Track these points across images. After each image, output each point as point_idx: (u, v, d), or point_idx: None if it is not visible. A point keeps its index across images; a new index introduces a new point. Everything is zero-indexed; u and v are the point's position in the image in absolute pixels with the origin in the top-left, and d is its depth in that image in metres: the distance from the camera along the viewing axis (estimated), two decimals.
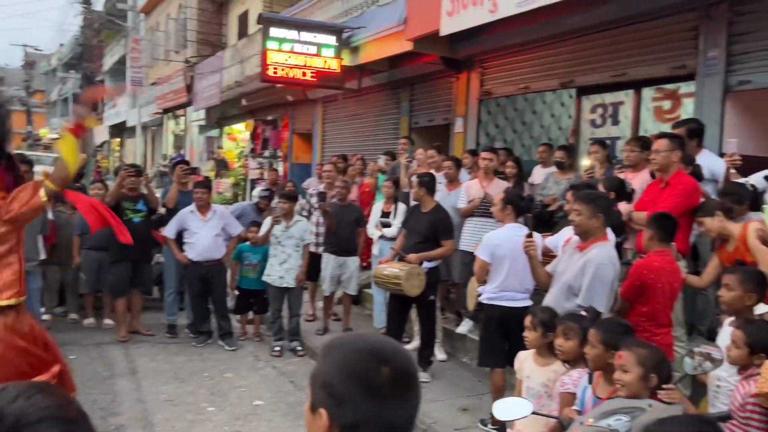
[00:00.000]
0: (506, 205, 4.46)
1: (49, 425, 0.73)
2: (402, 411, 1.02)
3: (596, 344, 2.65)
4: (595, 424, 2.14)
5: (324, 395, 1.02)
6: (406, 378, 1.03)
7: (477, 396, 5.08)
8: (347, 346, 1.06)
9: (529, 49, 7.38)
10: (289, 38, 9.10)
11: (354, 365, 1.01)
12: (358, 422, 0.99)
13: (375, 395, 0.99)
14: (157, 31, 22.16)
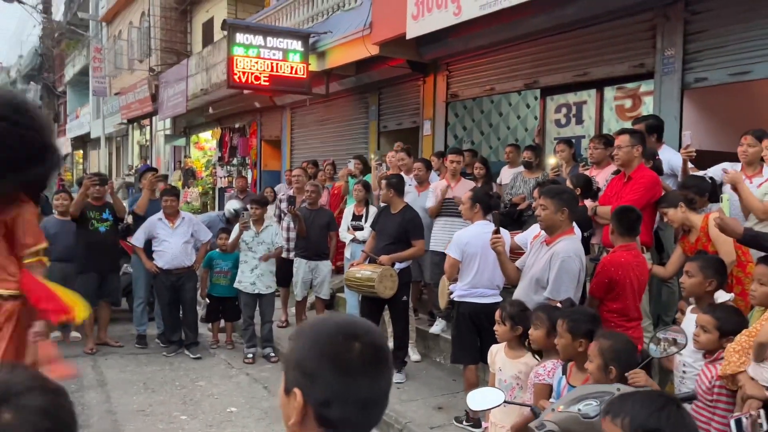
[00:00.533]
0: (474, 203, 4.52)
1: (35, 394, 0.76)
2: (374, 386, 1.03)
3: (563, 333, 2.70)
4: (566, 409, 2.17)
5: (297, 375, 1.03)
6: (376, 354, 1.04)
7: (451, 394, 5.11)
8: (317, 326, 1.08)
9: (494, 50, 7.49)
10: (255, 44, 9.06)
11: (324, 343, 1.03)
12: (330, 398, 1.00)
13: (345, 371, 1.00)
14: (119, 39, 21.82)
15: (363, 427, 1.05)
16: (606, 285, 3.50)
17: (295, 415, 1.02)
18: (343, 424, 1.02)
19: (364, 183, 6.91)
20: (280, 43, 9.20)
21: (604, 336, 2.52)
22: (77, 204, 6.22)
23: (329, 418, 1.01)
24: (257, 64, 9.06)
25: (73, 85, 28.68)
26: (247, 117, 14.41)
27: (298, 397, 1.02)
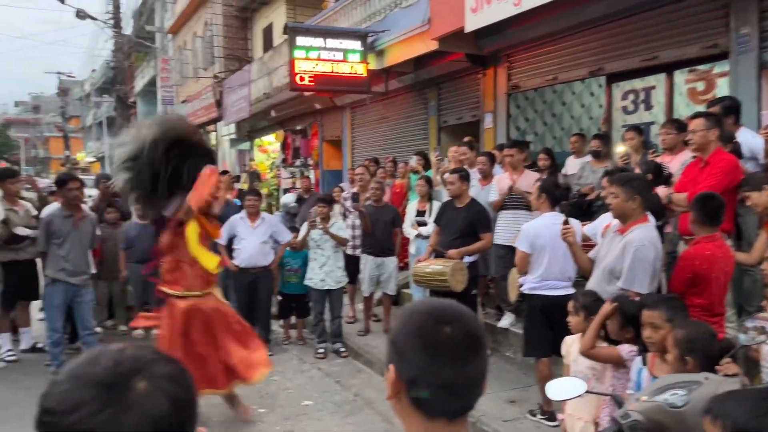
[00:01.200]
0: (541, 193, 4.46)
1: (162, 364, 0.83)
2: (461, 371, 1.05)
3: (663, 324, 2.61)
4: (651, 399, 2.13)
5: (392, 352, 1.09)
6: (466, 339, 1.06)
7: (523, 388, 5.07)
8: (414, 307, 1.12)
9: (556, 39, 7.35)
10: (315, 46, 9.23)
11: (415, 323, 1.07)
12: (416, 378, 1.04)
13: (432, 352, 1.04)
14: (185, 49, 22.67)
15: (452, 411, 1.07)
16: (689, 280, 3.35)
17: (389, 389, 1.08)
18: (430, 405, 1.05)
19: (426, 179, 6.92)
20: (340, 44, 9.33)
21: (680, 325, 2.45)
22: None
23: (417, 397, 1.05)
24: (318, 66, 9.22)
25: (142, 96, 30.01)
26: (308, 118, 14.68)
27: (391, 371, 1.07)
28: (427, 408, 1.05)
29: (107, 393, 0.77)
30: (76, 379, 0.80)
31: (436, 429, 1.06)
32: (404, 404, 1.08)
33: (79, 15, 18.31)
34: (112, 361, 0.81)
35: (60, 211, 5.43)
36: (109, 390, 0.78)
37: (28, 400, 4.49)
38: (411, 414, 1.07)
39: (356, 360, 6.24)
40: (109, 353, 0.83)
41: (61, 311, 5.44)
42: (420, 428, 1.07)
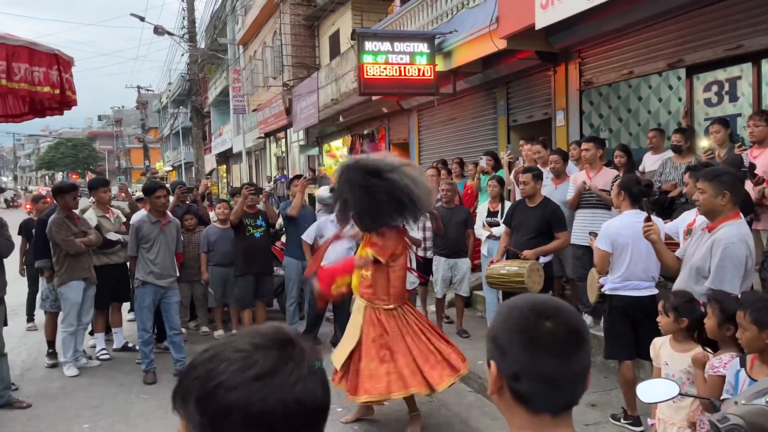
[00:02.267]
0: (620, 191, 4.33)
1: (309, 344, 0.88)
2: (564, 365, 1.04)
3: (748, 326, 2.50)
4: (750, 402, 2.04)
5: (492, 348, 1.10)
6: (568, 334, 1.05)
7: (604, 392, 4.93)
8: (513, 303, 1.12)
9: (630, 32, 7.12)
10: (383, 50, 9.32)
11: (516, 318, 1.07)
12: (518, 373, 1.05)
13: (534, 347, 1.04)
14: (255, 59, 23.39)
15: (556, 406, 1.07)
16: None
17: (491, 386, 1.09)
18: (534, 400, 1.06)
19: (498, 179, 6.85)
20: (407, 47, 9.38)
21: None
22: (237, 212, 6.76)
23: (520, 392, 1.06)
24: (386, 70, 9.31)
25: (215, 106, 31.20)
26: (375, 123, 14.84)
27: (492, 368, 1.08)
28: (530, 403, 1.06)
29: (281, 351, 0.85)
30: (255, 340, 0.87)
31: (541, 424, 1.06)
32: (507, 400, 1.08)
33: (157, 31, 19.24)
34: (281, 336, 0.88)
35: (148, 217, 5.74)
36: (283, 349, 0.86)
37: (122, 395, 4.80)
38: (515, 409, 1.08)
39: None
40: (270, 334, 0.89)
41: (151, 312, 5.75)
42: (525, 423, 1.07)
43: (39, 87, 4.70)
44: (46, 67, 4.74)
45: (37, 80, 4.68)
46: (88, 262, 5.99)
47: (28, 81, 4.62)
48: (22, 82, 4.59)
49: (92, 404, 5.21)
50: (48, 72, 4.75)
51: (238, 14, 25.10)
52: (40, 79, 4.69)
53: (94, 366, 6.25)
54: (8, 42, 4.55)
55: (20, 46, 4.60)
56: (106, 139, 70.19)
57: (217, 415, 0.81)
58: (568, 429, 1.08)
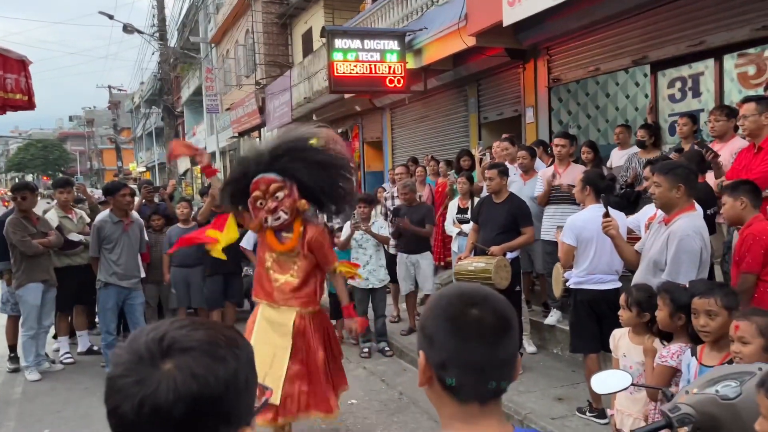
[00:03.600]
0: (585, 185, 4.36)
1: (196, 355, 0.84)
2: (491, 353, 1.03)
3: (720, 311, 2.51)
4: (702, 392, 2.05)
5: (421, 337, 1.08)
6: (495, 321, 1.04)
7: (571, 385, 4.96)
8: (443, 292, 1.12)
9: (597, 29, 7.19)
10: (353, 48, 9.28)
11: (443, 307, 1.06)
12: (445, 361, 1.03)
13: (461, 335, 1.02)
14: (227, 58, 23.16)
15: (483, 394, 1.05)
16: (763, 256, 3.21)
17: (420, 376, 1.08)
18: (461, 389, 1.04)
19: (467, 176, 6.87)
20: (377, 45, 9.36)
21: (756, 313, 2.33)
22: (205, 212, 6.66)
23: (447, 382, 1.04)
24: (356, 68, 9.27)
25: (188, 105, 30.82)
26: (348, 121, 14.79)
27: (421, 358, 1.07)
28: (458, 392, 1.04)
29: (137, 363, 0.83)
30: (130, 341, 0.87)
31: (469, 413, 1.05)
32: (436, 390, 1.07)
33: (127, 29, 18.93)
34: (159, 336, 0.85)
35: (110, 217, 5.62)
36: (139, 361, 0.83)
37: (86, 399, 4.68)
38: (444, 399, 1.06)
39: (401, 359, 6.23)
40: (166, 327, 0.87)
41: (114, 314, 5.64)
42: (454, 413, 1.05)
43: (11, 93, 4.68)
44: (17, 74, 4.71)
45: (9, 87, 4.65)
46: (48, 263, 5.85)
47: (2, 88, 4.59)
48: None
49: (54, 409, 5.09)
50: (18, 79, 4.73)
51: (209, 12, 24.82)
52: (12, 86, 4.66)
53: (58, 370, 6.11)
54: None
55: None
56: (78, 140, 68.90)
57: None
58: (496, 418, 1.07)
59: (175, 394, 0.80)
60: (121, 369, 0.83)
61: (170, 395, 0.80)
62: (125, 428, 0.82)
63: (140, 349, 0.84)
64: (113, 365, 0.85)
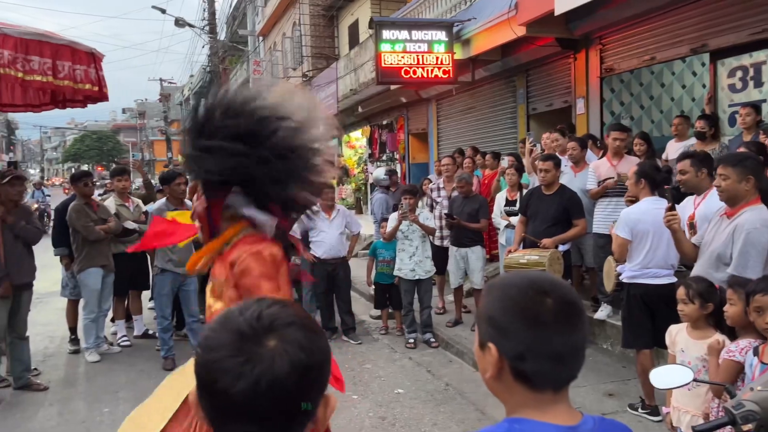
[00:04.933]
0: (640, 178, 4.25)
1: (296, 329, 0.89)
2: (567, 340, 1.03)
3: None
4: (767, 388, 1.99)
5: (490, 330, 1.06)
6: (568, 308, 1.04)
7: (622, 381, 4.87)
8: (508, 281, 1.10)
9: (652, 17, 6.97)
10: (400, 39, 9.27)
11: (515, 297, 1.05)
12: (523, 352, 1.03)
13: (538, 325, 1.02)
14: (275, 50, 23.46)
15: (559, 380, 1.06)
16: None
17: (491, 369, 1.06)
18: (538, 377, 1.04)
19: (516, 167, 6.79)
20: (425, 35, 9.31)
21: None
22: None
23: (524, 371, 1.04)
24: (404, 59, 9.26)
25: None
26: (394, 113, 14.79)
27: (492, 351, 1.05)
28: (534, 381, 1.04)
29: (242, 342, 0.85)
30: (223, 323, 0.89)
31: (544, 400, 1.05)
32: (507, 381, 1.06)
33: (178, 23, 19.38)
34: (256, 315, 0.88)
35: (166, 205, 5.79)
36: (244, 340, 0.86)
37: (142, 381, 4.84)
38: (515, 389, 1.06)
39: (447, 350, 6.23)
40: (257, 306, 0.90)
41: (170, 299, 5.81)
42: (525, 401, 1.05)
43: (81, 84, 4.89)
44: (86, 66, 4.92)
45: (80, 78, 4.85)
46: (107, 249, 6.08)
47: (71, 78, 4.79)
48: (66, 79, 4.77)
49: (112, 389, 5.29)
50: (87, 70, 4.93)
51: (257, 5, 25.15)
52: (82, 77, 4.87)
53: (115, 352, 6.35)
54: (53, 41, 4.70)
55: (63, 45, 4.75)
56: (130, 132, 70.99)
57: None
58: (566, 404, 1.07)
59: (290, 366, 0.84)
60: (226, 350, 0.85)
61: (285, 368, 0.84)
62: (239, 406, 0.84)
63: (241, 329, 0.86)
64: (209, 349, 0.87)
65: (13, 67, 4.44)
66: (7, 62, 4.41)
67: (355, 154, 18.68)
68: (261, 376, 0.83)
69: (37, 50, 4.58)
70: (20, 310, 5.21)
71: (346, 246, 6.71)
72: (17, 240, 5.11)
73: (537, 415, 1.04)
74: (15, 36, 4.49)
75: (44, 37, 4.71)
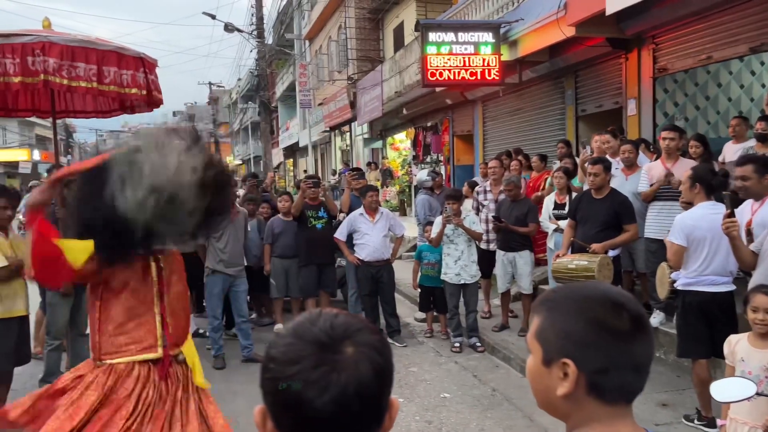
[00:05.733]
0: (695, 183, 4.12)
1: (367, 333, 0.91)
2: (644, 350, 1.03)
3: None
4: None
5: (568, 345, 1.03)
6: (641, 319, 1.04)
7: (677, 391, 4.73)
8: (579, 295, 1.07)
9: (709, 15, 6.75)
10: (447, 41, 9.24)
11: (596, 312, 1.03)
12: (608, 366, 1.01)
13: (621, 338, 1.01)
14: (320, 54, 23.73)
15: (634, 392, 1.05)
16: None
17: (568, 385, 1.02)
18: (616, 391, 1.03)
19: (564, 170, 6.68)
20: (471, 37, 9.26)
21: None
22: (297, 205, 6.89)
23: (603, 385, 1.02)
24: (449, 61, 9.23)
25: (282, 101, 31.86)
26: (438, 115, 14.75)
27: (572, 366, 1.02)
28: (612, 394, 1.03)
29: (322, 352, 0.86)
30: (299, 336, 0.89)
31: (612, 414, 1.04)
32: (578, 396, 1.04)
33: (227, 28, 19.81)
34: (329, 324, 0.89)
35: None
36: (324, 350, 0.86)
37: None
38: (583, 402, 1.04)
39: (493, 355, 6.17)
40: (326, 316, 0.91)
41: (220, 299, 5.95)
42: (596, 414, 1.03)
43: (127, 89, 5.03)
44: (134, 70, 5.04)
45: (126, 82, 5.00)
46: None
47: (117, 83, 4.93)
48: (112, 85, 4.92)
49: None
50: (135, 74, 5.05)
51: (304, 9, 25.50)
52: (128, 81, 5.01)
53: None
54: (99, 47, 4.86)
55: (109, 51, 4.91)
56: None
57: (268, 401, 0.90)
58: (631, 416, 1.07)
59: (372, 370, 0.86)
60: (308, 361, 0.84)
61: (369, 372, 0.86)
62: (327, 416, 0.83)
63: (320, 339, 0.87)
64: (290, 362, 0.85)
65: (58, 74, 4.60)
66: (53, 70, 4.58)
67: (399, 156, 18.70)
68: (348, 383, 0.84)
69: (82, 57, 4.72)
70: (81, 308, 5.40)
71: (390, 248, 6.74)
72: None
73: (604, 429, 1.03)
74: (61, 44, 4.65)
75: (90, 44, 4.85)
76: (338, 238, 6.71)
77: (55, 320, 5.20)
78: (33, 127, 39.88)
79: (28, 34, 4.65)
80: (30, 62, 4.51)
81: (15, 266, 4.41)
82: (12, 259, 4.43)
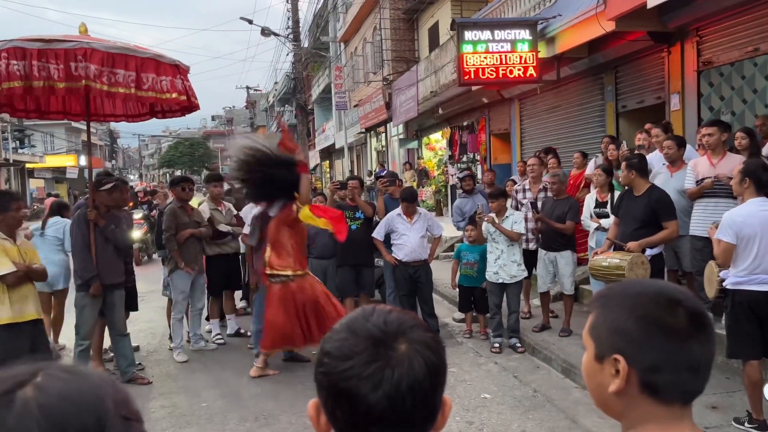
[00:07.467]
0: (745, 177, 3.99)
1: (420, 330, 0.90)
2: (702, 349, 1.00)
3: None
4: None
5: (618, 341, 1.02)
6: (700, 317, 1.01)
7: (726, 393, 4.59)
8: (632, 291, 1.06)
9: (756, 5, 6.52)
10: (483, 39, 9.17)
11: (648, 307, 1.01)
12: (660, 364, 0.99)
13: (675, 336, 0.99)
14: (356, 56, 23.84)
15: (691, 393, 1.02)
16: None
17: (619, 381, 1.01)
18: (671, 390, 1.00)
19: (604, 167, 6.55)
20: (508, 35, 9.17)
21: None
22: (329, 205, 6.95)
23: (654, 383, 1.00)
24: (486, 59, 9.15)
25: (318, 103, 32.13)
26: (474, 114, 14.65)
27: (622, 363, 1.00)
28: (665, 394, 1.00)
29: (376, 347, 0.86)
30: (353, 331, 0.89)
31: (668, 414, 1.01)
32: (631, 394, 1.02)
33: (264, 33, 20.10)
34: (383, 320, 0.89)
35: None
36: (378, 345, 0.86)
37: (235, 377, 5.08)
38: (637, 401, 1.02)
39: (533, 356, 6.09)
40: (379, 312, 0.91)
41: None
42: (651, 415, 1.01)
43: (167, 94, 5.17)
44: (171, 76, 5.19)
45: (165, 88, 5.14)
46: (196, 252, 6.38)
47: (156, 89, 5.08)
48: (150, 91, 5.06)
49: (209, 385, 5.56)
50: (173, 80, 5.20)
51: (339, 12, 25.66)
52: (167, 87, 5.15)
53: (211, 349, 6.66)
54: (138, 54, 5.01)
55: (147, 58, 5.05)
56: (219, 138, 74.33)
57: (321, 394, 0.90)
58: (690, 419, 1.03)
59: (425, 366, 0.86)
60: (363, 357, 0.85)
61: (422, 369, 0.85)
62: (381, 411, 0.84)
63: (373, 334, 0.87)
64: (344, 357, 0.86)
65: (99, 80, 4.75)
66: (93, 76, 4.73)
67: (435, 156, 18.64)
68: (401, 379, 0.84)
69: (122, 64, 4.88)
70: (115, 309, 5.48)
71: (428, 249, 6.73)
72: (107, 243, 5.36)
73: (660, 429, 1.00)
74: (102, 51, 4.81)
75: (130, 51, 5.01)
76: (376, 238, 6.75)
77: (84, 321, 5.29)
78: (80, 134, 41.26)
79: (69, 40, 4.82)
80: (73, 68, 4.68)
81: (23, 271, 4.45)
82: (20, 265, 4.45)
